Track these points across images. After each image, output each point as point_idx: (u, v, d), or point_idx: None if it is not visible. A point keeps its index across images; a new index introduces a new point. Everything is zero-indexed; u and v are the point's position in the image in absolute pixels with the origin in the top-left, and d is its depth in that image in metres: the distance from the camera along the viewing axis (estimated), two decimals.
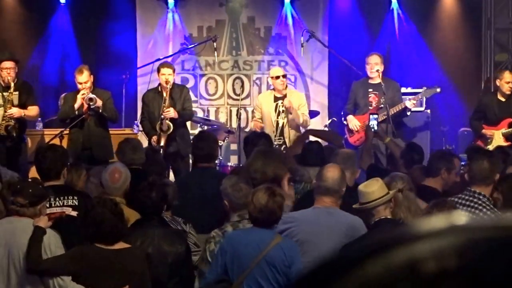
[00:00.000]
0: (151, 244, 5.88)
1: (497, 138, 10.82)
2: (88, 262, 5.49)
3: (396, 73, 11.55)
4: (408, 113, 11.39)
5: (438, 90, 11.42)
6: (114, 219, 5.47)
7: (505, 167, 7.38)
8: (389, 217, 5.78)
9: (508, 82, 10.91)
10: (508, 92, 10.90)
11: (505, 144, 10.59)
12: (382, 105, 11.01)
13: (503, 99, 10.97)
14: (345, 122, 11.43)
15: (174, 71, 10.90)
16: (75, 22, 13.32)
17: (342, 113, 11.78)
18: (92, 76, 10.37)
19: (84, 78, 10.27)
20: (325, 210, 6.00)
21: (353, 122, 11.21)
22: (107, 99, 10.40)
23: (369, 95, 11.09)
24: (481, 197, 6.29)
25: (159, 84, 10.85)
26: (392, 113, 10.93)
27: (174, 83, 10.90)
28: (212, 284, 5.52)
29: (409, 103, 11.13)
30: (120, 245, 5.55)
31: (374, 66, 11.15)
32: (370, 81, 11.15)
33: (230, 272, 5.44)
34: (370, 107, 11.07)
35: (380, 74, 11.17)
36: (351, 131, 11.22)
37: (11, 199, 5.78)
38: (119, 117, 10.91)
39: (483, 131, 10.91)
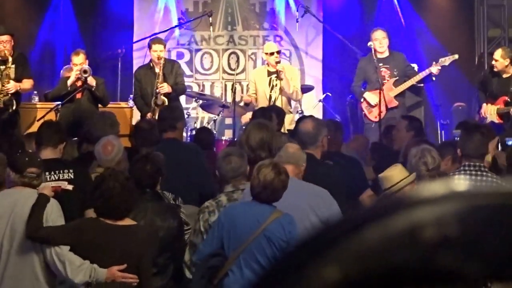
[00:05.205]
0: (143, 218, 5.78)
1: (492, 114, 10.80)
2: (89, 236, 5.36)
3: (390, 48, 11.51)
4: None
5: (456, 56, 11.33)
6: (124, 194, 5.34)
7: None
8: None
9: (496, 60, 10.82)
10: (495, 70, 10.84)
11: (497, 121, 10.62)
12: (397, 77, 11.04)
13: (504, 76, 10.88)
14: (361, 99, 11.32)
15: (165, 46, 10.92)
16: None
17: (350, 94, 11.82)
18: (87, 61, 10.52)
19: (79, 60, 10.45)
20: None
21: (374, 99, 11.07)
22: (100, 83, 10.48)
23: (381, 69, 11.06)
24: (482, 168, 6.05)
25: (151, 60, 10.86)
26: (414, 82, 11.15)
27: (165, 59, 10.89)
28: (206, 257, 5.41)
29: (434, 68, 11.13)
30: (127, 221, 5.43)
31: (382, 40, 11.22)
32: (379, 56, 11.14)
33: (226, 245, 5.32)
34: (384, 81, 11.03)
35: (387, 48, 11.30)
36: (371, 107, 11.14)
37: (26, 171, 5.73)
38: (109, 101, 10.80)
39: (481, 111, 10.85)
